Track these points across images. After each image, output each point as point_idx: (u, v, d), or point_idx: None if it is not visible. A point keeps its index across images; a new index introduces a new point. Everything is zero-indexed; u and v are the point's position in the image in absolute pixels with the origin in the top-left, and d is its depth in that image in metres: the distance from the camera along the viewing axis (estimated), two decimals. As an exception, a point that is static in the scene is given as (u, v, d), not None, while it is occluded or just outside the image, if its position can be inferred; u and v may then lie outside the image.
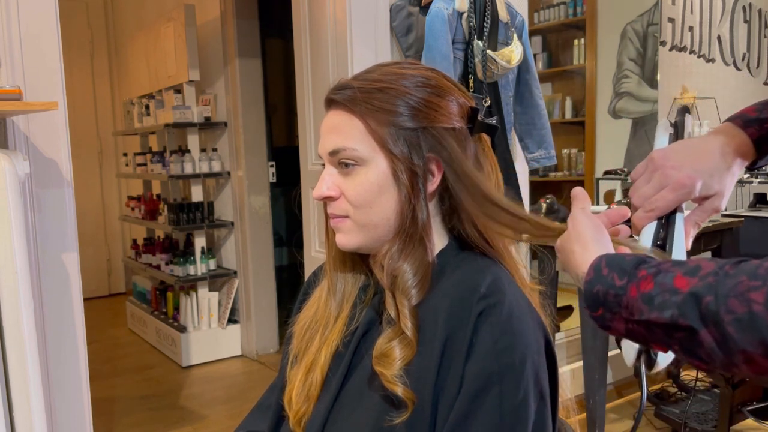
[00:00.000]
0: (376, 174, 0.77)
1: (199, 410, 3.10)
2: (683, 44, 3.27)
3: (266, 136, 3.80)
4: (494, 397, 0.71)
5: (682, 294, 0.54)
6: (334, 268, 0.87)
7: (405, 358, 0.74)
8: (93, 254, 5.22)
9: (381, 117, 0.76)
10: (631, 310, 0.58)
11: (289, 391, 0.85)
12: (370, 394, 0.77)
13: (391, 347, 0.75)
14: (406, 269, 0.77)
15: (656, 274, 0.57)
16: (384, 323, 0.79)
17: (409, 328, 0.75)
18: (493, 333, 0.73)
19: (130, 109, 4.63)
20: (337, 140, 0.78)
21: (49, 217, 1.80)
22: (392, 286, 0.78)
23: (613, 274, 0.60)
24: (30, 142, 1.76)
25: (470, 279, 0.76)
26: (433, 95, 0.78)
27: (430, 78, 0.80)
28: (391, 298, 0.78)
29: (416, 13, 2.20)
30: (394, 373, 0.74)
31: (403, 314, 0.76)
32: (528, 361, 0.73)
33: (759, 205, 3.42)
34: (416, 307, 0.76)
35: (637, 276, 0.58)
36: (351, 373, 0.81)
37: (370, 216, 0.79)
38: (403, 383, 0.73)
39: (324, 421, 0.79)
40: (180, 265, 3.78)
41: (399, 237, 0.78)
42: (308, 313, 0.89)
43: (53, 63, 1.77)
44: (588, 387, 2.41)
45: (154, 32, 4.14)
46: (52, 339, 1.81)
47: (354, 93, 0.77)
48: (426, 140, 0.77)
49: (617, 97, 4.37)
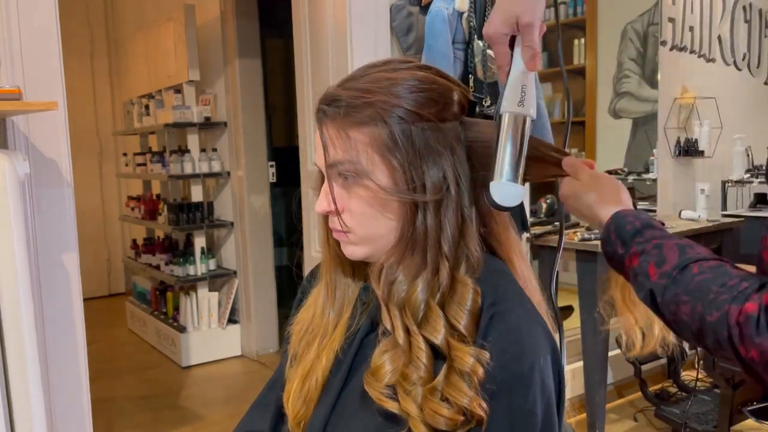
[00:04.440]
0: (376, 186, 0.74)
1: (198, 410, 3.10)
2: (683, 44, 3.27)
3: (266, 136, 3.80)
4: (503, 406, 0.70)
5: (650, 284, 0.73)
6: (333, 272, 0.86)
7: (397, 370, 0.73)
8: (93, 254, 5.22)
9: (375, 129, 0.73)
10: (627, 273, 0.78)
11: (288, 390, 0.84)
12: (372, 400, 0.75)
13: (382, 362, 0.74)
14: (401, 280, 0.76)
15: (641, 253, 0.75)
16: (380, 334, 0.78)
17: (403, 339, 0.74)
18: (502, 341, 0.72)
19: (129, 109, 4.63)
20: (334, 153, 0.75)
21: (49, 217, 1.80)
22: (387, 298, 0.76)
23: (617, 242, 0.78)
24: (30, 142, 1.76)
25: (481, 284, 0.75)
26: (428, 99, 0.75)
27: (422, 80, 0.76)
28: (386, 311, 0.77)
29: (416, 13, 2.20)
30: (381, 390, 0.72)
31: (396, 327, 0.75)
32: (536, 369, 0.72)
33: (759, 205, 3.42)
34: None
35: (630, 251, 0.76)
36: (351, 377, 0.80)
37: (374, 229, 0.77)
38: (393, 398, 0.72)
39: (324, 424, 0.79)
40: (180, 265, 3.78)
41: (398, 248, 0.77)
42: (306, 315, 0.88)
43: (53, 63, 1.77)
44: (588, 387, 2.41)
45: (154, 32, 4.14)
46: (52, 339, 1.81)
47: (345, 105, 0.74)
48: (425, 146, 0.74)
49: (617, 97, 4.37)
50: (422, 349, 0.73)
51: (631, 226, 0.77)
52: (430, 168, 0.74)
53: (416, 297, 0.75)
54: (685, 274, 0.70)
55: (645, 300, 0.75)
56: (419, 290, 0.75)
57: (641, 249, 0.75)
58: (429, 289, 0.75)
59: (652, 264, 0.73)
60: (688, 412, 2.51)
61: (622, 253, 0.77)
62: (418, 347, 0.73)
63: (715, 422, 2.38)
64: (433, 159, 0.74)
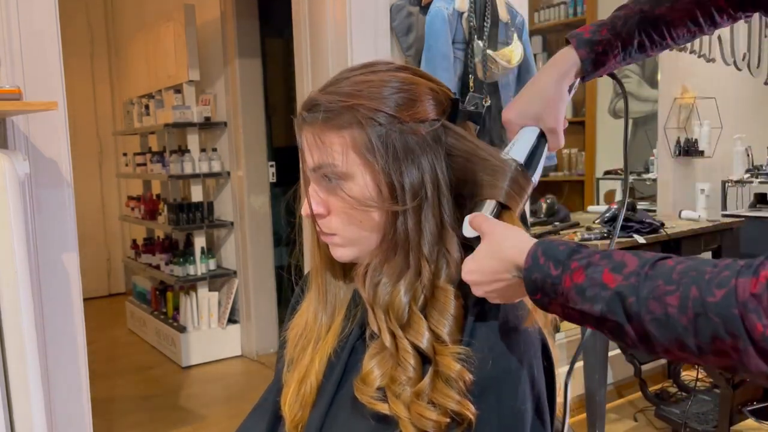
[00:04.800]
0: (359, 188, 0.74)
1: (199, 410, 3.10)
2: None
3: (266, 136, 3.80)
4: (492, 403, 0.70)
5: (610, 290, 0.59)
6: (324, 276, 0.86)
7: (386, 374, 0.74)
8: (93, 254, 5.22)
9: (354, 132, 0.73)
10: (566, 297, 0.63)
11: (285, 394, 0.85)
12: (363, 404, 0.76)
13: (371, 368, 0.75)
14: (385, 282, 0.76)
15: (587, 267, 0.62)
16: (368, 338, 0.79)
17: (389, 342, 0.74)
18: (489, 339, 0.72)
19: (129, 109, 4.63)
20: (317, 156, 0.75)
21: (48, 217, 1.80)
22: (372, 300, 0.77)
23: (549, 263, 0.64)
24: (30, 142, 1.76)
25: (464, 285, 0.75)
26: (406, 100, 0.74)
27: (402, 80, 0.76)
28: (372, 314, 0.77)
29: (416, 13, 2.20)
30: (371, 395, 0.73)
31: (383, 329, 0.75)
32: (524, 365, 0.72)
33: (759, 205, 3.42)
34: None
35: (570, 267, 0.63)
36: (344, 380, 0.80)
37: (359, 231, 0.77)
38: (383, 400, 0.73)
39: (320, 427, 0.79)
40: (180, 265, 3.78)
41: (381, 249, 0.77)
42: (300, 321, 0.88)
43: (53, 63, 1.77)
44: (588, 387, 2.41)
45: (154, 32, 4.14)
46: (52, 339, 1.80)
47: (324, 110, 0.74)
48: (403, 149, 0.73)
49: (617, 96, 4.36)
50: (409, 351, 0.73)
51: (564, 246, 0.65)
52: (409, 170, 0.74)
53: (399, 300, 0.75)
54: (659, 268, 0.58)
55: (602, 313, 0.60)
56: (402, 293, 0.75)
57: (585, 263, 0.62)
58: (412, 291, 0.75)
59: (606, 271, 0.60)
60: (688, 412, 2.51)
61: (557, 274, 0.63)
62: (404, 350, 0.73)
63: (715, 422, 2.38)
64: (412, 160, 0.74)
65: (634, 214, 2.49)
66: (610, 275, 0.60)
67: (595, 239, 2.35)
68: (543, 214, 2.71)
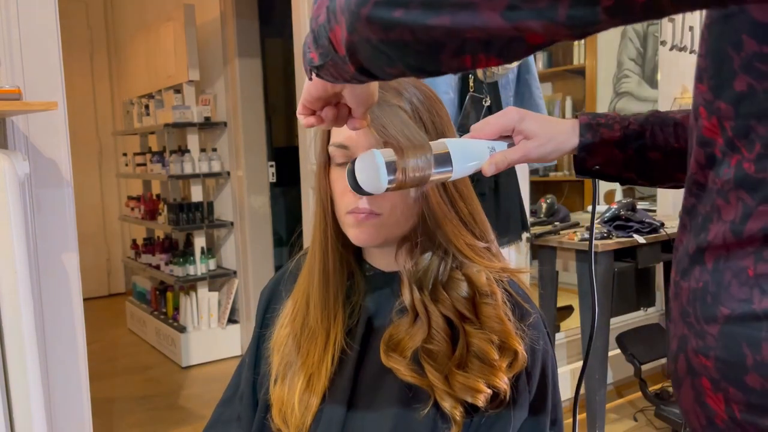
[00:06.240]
0: None
1: (199, 410, 3.10)
2: (683, 44, 3.27)
3: (266, 136, 3.80)
4: (534, 381, 0.78)
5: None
6: (331, 274, 0.85)
7: (415, 346, 0.76)
8: (93, 254, 5.22)
9: (394, 121, 0.74)
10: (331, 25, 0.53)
11: (282, 409, 0.83)
12: (388, 385, 0.78)
13: (404, 337, 0.77)
14: (422, 259, 0.80)
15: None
16: (394, 313, 0.81)
17: (423, 315, 0.78)
18: (523, 317, 0.79)
19: (129, 109, 4.63)
20: (368, 141, 0.76)
21: (48, 217, 1.80)
22: (412, 274, 0.79)
23: (309, 37, 0.57)
24: (30, 142, 1.76)
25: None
26: (424, 86, 0.81)
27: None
28: (408, 288, 0.79)
29: (416, 13, 2.20)
30: (407, 364, 0.76)
31: (417, 302, 0.78)
32: (545, 347, 0.80)
33: (759, 205, 3.41)
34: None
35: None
36: (360, 369, 0.81)
37: (399, 216, 0.79)
38: (417, 372, 0.75)
39: (343, 420, 0.79)
40: (180, 265, 3.78)
41: (417, 230, 0.80)
42: (282, 332, 0.87)
43: (53, 63, 1.77)
44: (588, 387, 2.41)
45: (154, 32, 4.14)
46: (52, 339, 1.81)
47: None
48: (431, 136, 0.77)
49: (617, 96, 4.37)
50: (441, 324, 0.77)
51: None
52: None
53: (431, 274, 0.79)
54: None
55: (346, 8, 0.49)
56: (433, 268, 0.80)
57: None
58: (443, 266, 0.80)
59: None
60: (688, 412, 2.51)
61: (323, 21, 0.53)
62: (437, 323, 0.77)
63: (715, 422, 2.38)
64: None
65: (634, 214, 2.49)
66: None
67: (595, 239, 2.35)
68: (543, 214, 2.71)
